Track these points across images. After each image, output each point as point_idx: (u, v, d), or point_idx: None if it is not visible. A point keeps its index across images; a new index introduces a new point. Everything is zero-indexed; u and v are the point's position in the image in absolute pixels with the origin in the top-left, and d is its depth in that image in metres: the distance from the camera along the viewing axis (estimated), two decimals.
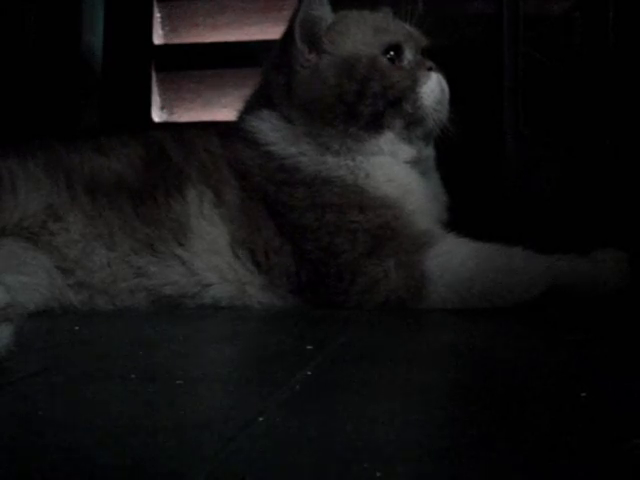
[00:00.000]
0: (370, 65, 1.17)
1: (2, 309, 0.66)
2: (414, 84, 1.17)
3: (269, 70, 1.25)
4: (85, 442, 0.49)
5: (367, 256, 1.10)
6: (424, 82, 1.18)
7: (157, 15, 2.00)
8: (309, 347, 0.80)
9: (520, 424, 0.53)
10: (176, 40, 2.00)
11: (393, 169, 1.18)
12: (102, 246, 1.13)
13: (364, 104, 1.15)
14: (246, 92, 1.32)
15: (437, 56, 1.25)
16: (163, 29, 2.00)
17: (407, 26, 1.25)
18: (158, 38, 2.00)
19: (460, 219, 1.21)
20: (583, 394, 0.59)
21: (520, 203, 1.50)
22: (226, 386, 0.65)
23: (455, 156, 1.25)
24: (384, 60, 1.18)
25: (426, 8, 1.52)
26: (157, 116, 1.98)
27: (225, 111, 1.31)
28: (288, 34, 1.20)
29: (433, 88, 1.18)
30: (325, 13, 1.19)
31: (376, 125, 1.16)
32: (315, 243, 1.12)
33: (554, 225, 1.42)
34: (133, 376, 0.67)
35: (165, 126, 1.95)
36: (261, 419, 0.53)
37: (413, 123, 1.18)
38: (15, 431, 0.52)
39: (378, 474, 0.42)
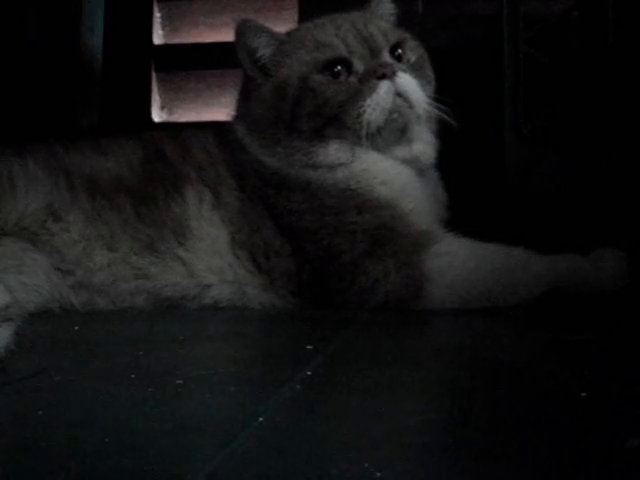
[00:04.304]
0: (300, 85, 1.15)
1: (2, 309, 0.66)
2: (356, 97, 1.13)
3: (240, 86, 1.27)
4: (85, 442, 0.49)
5: (367, 256, 1.10)
6: (368, 94, 1.12)
7: (157, 15, 2.00)
8: (309, 347, 0.80)
9: (520, 424, 0.53)
10: (176, 40, 2.00)
11: (385, 171, 1.17)
12: (102, 246, 1.12)
13: (301, 122, 1.15)
14: None
15: (437, 56, 1.25)
16: (163, 29, 2.01)
17: (371, 26, 1.19)
18: (158, 38, 2.00)
19: (460, 218, 1.20)
20: (583, 394, 0.59)
21: (520, 202, 1.50)
22: (226, 386, 0.65)
23: (455, 155, 1.25)
24: (318, 77, 1.15)
25: (426, 8, 1.53)
26: (157, 116, 1.98)
27: (225, 111, 1.31)
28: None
29: (379, 101, 1.12)
30: (263, 43, 1.18)
31: (319, 136, 1.15)
32: (315, 244, 1.12)
33: (554, 225, 1.42)
34: (133, 376, 0.67)
35: (165, 126, 1.95)
36: (261, 419, 0.53)
37: (365, 135, 1.13)
38: (15, 431, 0.52)
39: (378, 474, 0.42)
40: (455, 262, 1.08)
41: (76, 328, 0.96)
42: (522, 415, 0.56)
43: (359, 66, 1.16)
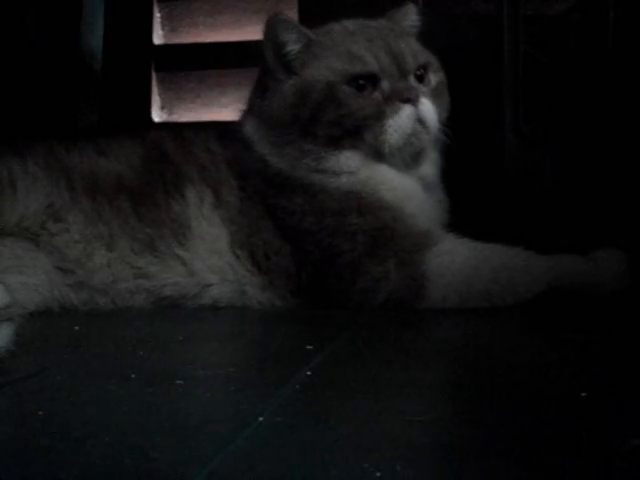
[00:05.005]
0: (326, 93, 1.14)
1: (3, 309, 0.66)
2: (380, 116, 1.13)
3: (256, 80, 1.26)
4: (85, 442, 0.49)
5: (367, 256, 1.10)
6: (390, 116, 1.12)
7: (157, 15, 2.00)
8: (309, 347, 0.80)
9: (520, 424, 0.53)
10: (176, 40, 2.00)
11: (389, 177, 1.17)
12: (102, 246, 1.13)
13: (319, 127, 1.14)
14: (246, 92, 1.32)
15: (437, 56, 1.25)
16: (163, 29, 2.00)
17: (402, 44, 1.18)
18: (158, 38, 2.00)
19: (460, 219, 1.20)
20: (583, 394, 0.59)
21: (520, 202, 1.49)
22: (226, 386, 0.66)
23: (455, 155, 1.25)
24: (345, 88, 1.14)
25: (426, 8, 1.53)
26: (157, 116, 1.98)
27: (225, 111, 1.30)
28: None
29: (400, 124, 1.12)
30: (292, 38, 1.17)
31: (334, 144, 1.14)
32: (315, 244, 1.12)
33: (554, 225, 1.42)
34: (133, 376, 0.67)
35: (165, 126, 1.95)
36: (261, 419, 0.53)
37: (380, 153, 1.14)
38: (15, 431, 0.52)
39: (378, 474, 0.42)
40: (455, 262, 1.08)
41: (76, 328, 0.96)
42: (522, 415, 0.56)
43: (386, 85, 1.15)
